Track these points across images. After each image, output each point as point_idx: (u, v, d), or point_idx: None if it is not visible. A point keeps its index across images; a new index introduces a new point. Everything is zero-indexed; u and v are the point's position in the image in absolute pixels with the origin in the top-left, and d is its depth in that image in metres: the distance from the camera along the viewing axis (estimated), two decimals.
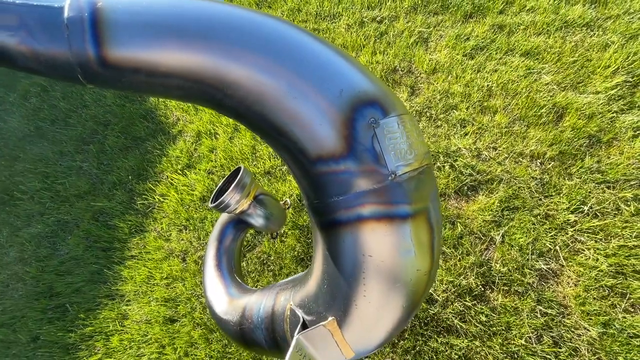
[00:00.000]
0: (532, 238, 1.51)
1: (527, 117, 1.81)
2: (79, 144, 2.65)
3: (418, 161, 0.48)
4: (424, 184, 0.50)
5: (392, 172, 0.46)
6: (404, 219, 0.47)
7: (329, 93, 0.45)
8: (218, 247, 0.90)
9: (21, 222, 2.36)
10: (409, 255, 0.48)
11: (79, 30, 0.36)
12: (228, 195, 0.70)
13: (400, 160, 0.46)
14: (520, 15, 2.18)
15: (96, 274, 1.99)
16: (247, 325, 0.68)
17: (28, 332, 1.87)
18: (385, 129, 0.46)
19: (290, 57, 0.46)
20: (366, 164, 0.46)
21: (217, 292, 0.80)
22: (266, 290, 0.72)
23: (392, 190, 0.46)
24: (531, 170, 1.67)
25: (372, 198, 0.46)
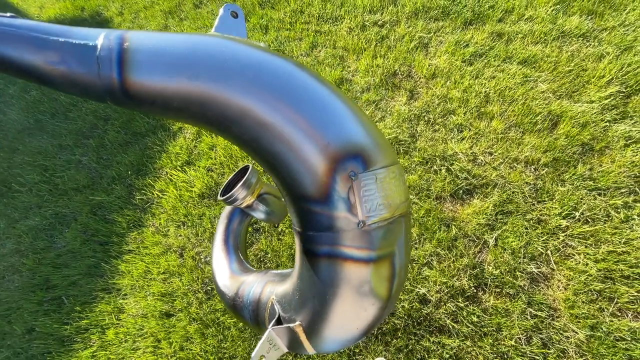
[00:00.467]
0: (525, 242, 1.54)
1: (522, 123, 1.85)
2: (79, 137, 2.66)
3: (390, 212, 0.53)
4: (392, 232, 0.55)
5: (361, 221, 0.51)
6: (366, 262, 0.54)
7: (317, 144, 0.50)
8: (227, 224, 0.98)
9: (19, 214, 2.36)
10: (366, 292, 0.56)
11: (107, 65, 0.45)
12: (236, 191, 0.79)
13: (372, 212, 0.52)
14: (518, 24, 2.22)
15: (93, 267, 2.00)
16: (239, 302, 0.77)
17: (23, 323, 1.88)
18: (362, 182, 0.51)
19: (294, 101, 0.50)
20: (340, 211, 0.51)
21: (221, 265, 0.90)
22: (259, 275, 0.81)
23: (360, 236, 0.52)
24: (525, 176, 1.70)
25: (342, 240, 0.52)
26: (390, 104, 2.12)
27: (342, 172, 0.50)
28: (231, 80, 0.49)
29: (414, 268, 1.58)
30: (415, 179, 1.79)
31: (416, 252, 1.62)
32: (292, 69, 0.53)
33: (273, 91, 0.50)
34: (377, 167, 0.53)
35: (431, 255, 1.60)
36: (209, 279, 1.77)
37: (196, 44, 0.50)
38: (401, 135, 1.94)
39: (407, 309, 1.50)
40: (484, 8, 2.33)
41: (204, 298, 1.72)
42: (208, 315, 1.67)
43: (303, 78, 0.53)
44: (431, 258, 1.59)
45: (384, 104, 2.12)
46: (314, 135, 0.50)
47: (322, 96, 0.53)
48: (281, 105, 0.49)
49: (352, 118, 0.54)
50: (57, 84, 0.46)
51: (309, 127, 0.50)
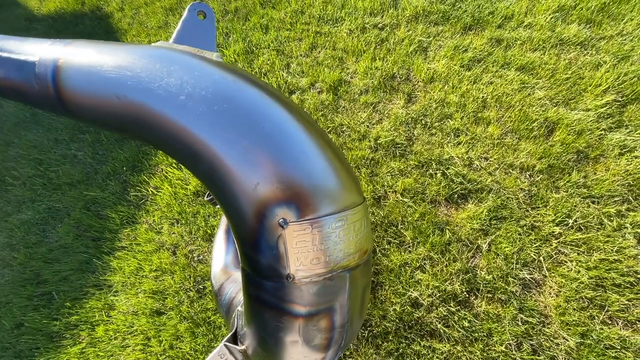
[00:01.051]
0: (518, 248, 1.55)
1: (519, 130, 1.85)
2: (75, 132, 2.64)
3: (328, 267, 0.48)
4: (330, 289, 0.50)
5: (290, 275, 0.47)
6: (295, 316, 0.50)
7: (246, 184, 0.45)
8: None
9: (11, 207, 2.34)
10: (296, 346, 0.52)
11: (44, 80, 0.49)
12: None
13: (303, 265, 0.47)
14: (517, 31, 2.23)
15: (85, 263, 1.98)
16: (219, 298, 0.79)
17: (12, 318, 1.86)
18: (295, 231, 0.45)
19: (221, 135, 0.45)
20: (269, 260, 0.47)
21: (219, 254, 0.93)
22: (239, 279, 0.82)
23: (288, 290, 0.48)
24: (520, 182, 1.71)
25: (270, 291, 0.49)
26: (388, 106, 2.12)
27: (270, 219, 0.45)
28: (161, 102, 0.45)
29: (407, 271, 1.58)
30: (410, 182, 1.79)
31: (409, 255, 1.61)
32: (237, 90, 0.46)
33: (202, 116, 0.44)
34: (317, 215, 0.46)
35: (424, 259, 1.60)
36: (201, 278, 1.76)
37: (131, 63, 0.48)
38: (398, 139, 1.94)
39: (398, 312, 1.49)
40: (484, 14, 2.34)
41: (196, 297, 1.71)
42: (199, 314, 1.66)
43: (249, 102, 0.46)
44: (424, 262, 1.59)
45: (382, 106, 2.12)
46: (243, 174, 0.44)
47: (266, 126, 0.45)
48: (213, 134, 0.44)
49: (297, 153, 0.46)
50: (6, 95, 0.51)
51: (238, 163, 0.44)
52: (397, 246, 1.65)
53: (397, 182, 1.80)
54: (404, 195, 1.77)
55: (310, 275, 0.47)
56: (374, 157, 1.92)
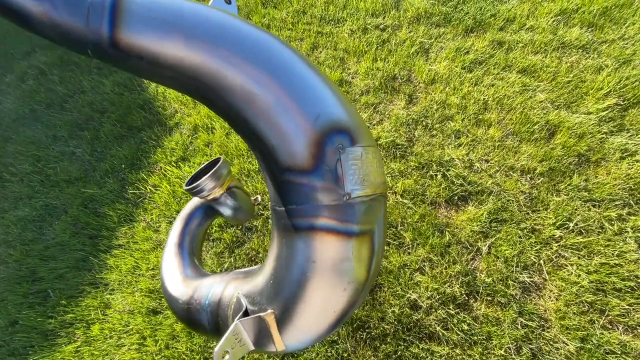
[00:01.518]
0: (518, 251, 1.54)
1: (520, 132, 1.84)
2: (74, 129, 2.63)
3: (372, 189, 0.54)
4: (373, 209, 0.55)
5: (347, 194, 0.52)
6: (349, 235, 0.53)
7: (309, 115, 0.51)
8: (184, 227, 0.93)
9: (8, 204, 2.32)
10: (347, 268, 0.54)
11: (98, 13, 0.42)
12: (204, 181, 0.74)
13: (356, 185, 0.52)
14: (519, 33, 2.23)
15: (81, 261, 1.97)
16: (195, 305, 0.71)
17: (7, 315, 1.84)
18: (349, 155, 0.52)
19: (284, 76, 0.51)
20: (327, 182, 0.51)
21: (173, 270, 0.83)
22: (219, 276, 0.76)
23: (345, 209, 0.52)
24: (521, 185, 1.70)
25: (326, 212, 0.52)
26: (388, 107, 2.11)
27: (330, 145, 0.51)
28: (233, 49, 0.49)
29: (406, 273, 1.56)
30: (410, 183, 1.78)
31: (409, 257, 1.60)
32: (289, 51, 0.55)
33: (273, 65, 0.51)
34: (362, 144, 0.54)
35: (424, 260, 1.59)
36: None
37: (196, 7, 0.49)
38: (398, 139, 1.94)
39: (397, 314, 1.48)
40: (486, 16, 2.34)
41: None
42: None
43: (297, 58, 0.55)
44: (424, 264, 1.58)
45: (383, 107, 2.11)
46: (307, 106, 0.51)
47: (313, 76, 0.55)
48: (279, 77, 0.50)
49: (337, 99, 0.55)
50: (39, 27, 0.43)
51: (303, 98, 0.51)
52: (397, 247, 1.64)
53: (397, 183, 1.79)
54: (403, 197, 1.76)
55: (361, 195, 0.52)
56: None
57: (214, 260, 1.76)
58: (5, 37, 3.80)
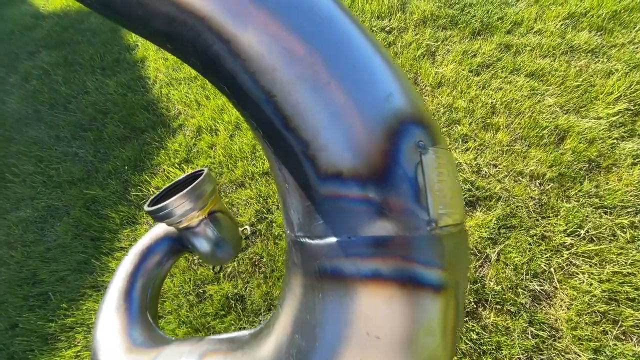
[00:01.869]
0: (528, 258, 1.50)
1: (528, 137, 1.82)
2: (77, 130, 2.62)
3: (460, 215, 0.35)
4: (461, 248, 0.36)
5: (433, 220, 0.31)
6: (436, 289, 0.32)
7: (374, 92, 0.33)
8: (137, 266, 0.65)
9: (10, 205, 2.31)
10: (430, 343, 0.32)
11: None
12: (175, 201, 0.50)
13: (445, 208, 0.33)
14: (527, 37, 2.20)
15: (83, 263, 1.94)
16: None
17: (7, 318, 1.82)
18: (433, 159, 0.33)
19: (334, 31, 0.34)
20: (401, 199, 0.31)
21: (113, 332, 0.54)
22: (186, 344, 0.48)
23: (429, 245, 0.32)
24: (530, 190, 1.67)
25: (400, 250, 0.31)
26: None
27: (408, 138, 0.32)
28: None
29: None
30: None
31: None
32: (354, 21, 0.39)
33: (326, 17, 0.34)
34: (443, 147, 0.36)
35: None
36: (201, 281, 1.72)
37: None
38: None
39: None
40: (493, 19, 2.32)
41: (195, 301, 1.67)
42: (198, 319, 1.61)
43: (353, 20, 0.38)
44: None
45: None
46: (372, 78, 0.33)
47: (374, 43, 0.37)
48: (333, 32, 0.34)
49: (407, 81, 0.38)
50: None
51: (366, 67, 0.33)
52: None
53: None
54: None
55: (451, 223, 0.33)
56: None
57: None
58: (10, 37, 3.80)
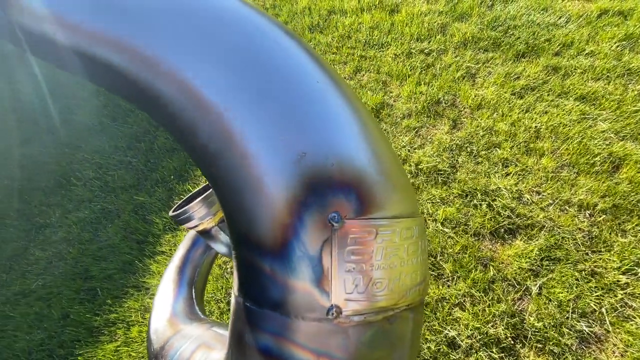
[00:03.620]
0: (575, 295, 1.38)
1: (578, 163, 1.70)
2: (132, 141, 2.89)
3: (391, 301, 0.31)
4: (387, 335, 0.32)
5: (335, 307, 0.29)
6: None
7: (284, 151, 0.29)
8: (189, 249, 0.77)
9: (72, 205, 2.58)
10: None
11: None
12: (192, 207, 0.59)
13: (357, 294, 0.29)
14: (577, 59, 2.10)
15: (128, 264, 2.10)
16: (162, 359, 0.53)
17: (61, 308, 2.00)
18: (352, 234, 0.29)
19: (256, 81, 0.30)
20: (301, 280, 0.29)
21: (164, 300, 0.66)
22: (201, 328, 0.55)
23: (329, 334, 0.30)
24: (578, 221, 1.55)
25: (297, 334, 0.30)
26: (431, 131, 2.07)
27: (317, 211, 0.29)
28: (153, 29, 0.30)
29: (444, 307, 1.47)
30: (452, 211, 1.70)
31: (448, 290, 1.51)
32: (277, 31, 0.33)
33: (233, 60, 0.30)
34: (382, 215, 0.31)
35: (464, 295, 1.49)
36: None
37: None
38: (440, 165, 1.88)
39: (433, 352, 1.39)
40: (540, 41, 2.24)
41: (226, 308, 1.73)
42: None
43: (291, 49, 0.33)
44: (464, 299, 1.48)
45: (425, 131, 2.07)
46: (282, 136, 0.29)
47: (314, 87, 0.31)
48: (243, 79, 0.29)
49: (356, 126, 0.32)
50: None
51: (278, 120, 0.29)
52: (435, 279, 1.56)
53: (437, 211, 1.72)
54: (444, 225, 1.68)
55: (366, 310, 0.30)
56: (414, 183, 1.86)
57: None
58: None
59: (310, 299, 0.29)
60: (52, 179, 2.80)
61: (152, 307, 0.65)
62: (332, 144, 0.30)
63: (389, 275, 0.30)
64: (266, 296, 0.31)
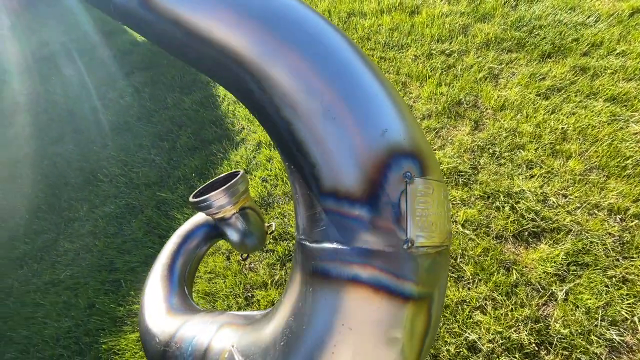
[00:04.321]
0: (604, 302, 1.33)
1: (607, 166, 1.64)
2: (156, 139, 2.98)
3: (440, 238, 0.42)
4: (438, 267, 0.43)
5: (409, 240, 0.39)
6: (405, 299, 0.40)
7: (371, 128, 0.40)
8: (179, 245, 0.79)
9: (99, 201, 2.68)
10: (394, 345, 0.40)
11: None
12: (215, 195, 0.64)
13: (423, 231, 0.40)
14: (607, 59, 2.03)
15: (150, 257, 2.17)
16: (173, 350, 0.57)
17: (87, 298, 2.09)
18: (418, 188, 0.40)
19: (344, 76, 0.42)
20: (384, 220, 0.39)
21: (156, 297, 0.68)
22: (210, 315, 0.60)
23: (404, 260, 0.39)
24: (608, 226, 1.49)
25: (378, 261, 0.39)
26: (451, 132, 2.04)
27: (396, 170, 0.40)
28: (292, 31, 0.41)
29: (465, 310, 1.44)
30: (473, 213, 1.67)
31: (468, 292, 1.48)
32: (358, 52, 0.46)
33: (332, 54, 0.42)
34: (433, 178, 0.42)
35: (485, 298, 1.45)
36: (251, 285, 1.81)
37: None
38: (461, 166, 1.85)
39: (452, 354, 1.36)
40: (567, 41, 2.18)
41: (243, 303, 1.76)
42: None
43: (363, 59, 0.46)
44: (485, 302, 1.45)
45: (445, 132, 2.05)
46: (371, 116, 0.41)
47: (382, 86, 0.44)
48: (339, 74, 0.41)
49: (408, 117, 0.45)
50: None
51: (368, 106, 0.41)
52: (455, 281, 1.53)
53: (458, 212, 1.70)
54: (465, 227, 1.65)
55: (428, 244, 0.40)
56: None
57: (266, 271, 1.81)
58: (112, 60, 4.53)
59: (391, 234, 0.39)
60: (80, 176, 2.93)
61: (142, 305, 0.66)
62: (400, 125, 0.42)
63: (439, 220, 0.42)
64: (350, 235, 0.40)
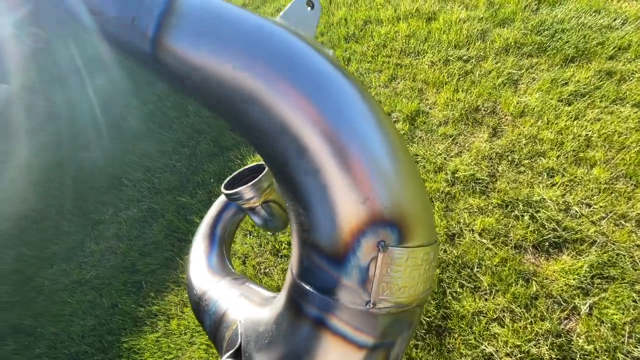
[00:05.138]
0: (632, 318, 1.27)
1: (635, 175, 1.57)
2: (177, 146, 3.09)
3: (409, 300, 0.46)
4: (401, 322, 0.47)
5: (371, 302, 0.43)
6: (360, 347, 0.45)
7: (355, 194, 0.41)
8: (220, 211, 0.89)
9: (123, 204, 2.80)
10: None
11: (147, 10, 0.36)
12: (243, 190, 0.74)
13: (388, 295, 0.44)
14: (635, 62, 1.95)
15: (170, 260, 2.24)
16: (203, 305, 0.67)
17: (110, 298, 2.18)
18: (390, 257, 0.42)
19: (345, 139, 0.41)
20: (350, 280, 0.43)
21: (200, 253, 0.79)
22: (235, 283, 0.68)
23: (364, 317, 0.44)
24: (637, 237, 1.42)
25: (341, 314, 0.44)
26: (469, 139, 2.01)
27: (371, 237, 0.42)
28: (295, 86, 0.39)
29: (481, 321, 1.41)
30: (491, 222, 1.63)
31: (485, 304, 1.45)
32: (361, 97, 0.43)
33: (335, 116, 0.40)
34: (412, 245, 0.44)
35: (503, 310, 1.41)
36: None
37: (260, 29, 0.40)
38: (479, 174, 1.81)
39: None
40: (591, 45, 2.11)
41: None
42: None
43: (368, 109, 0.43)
44: (503, 314, 1.41)
45: (462, 139, 2.02)
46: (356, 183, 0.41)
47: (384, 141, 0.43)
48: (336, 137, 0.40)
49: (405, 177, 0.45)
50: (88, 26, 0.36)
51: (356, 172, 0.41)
52: (471, 291, 1.50)
53: (475, 221, 1.66)
54: (482, 236, 1.62)
55: (391, 306, 0.44)
56: (450, 191, 1.81)
57: (280, 276, 1.84)
58: (136, 69, 4.74)
59: (356, 294, 0.43)
60: (106, 180, 3.07)
61: (189, 258, 0.76)
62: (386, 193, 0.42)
63: (410, 284, 0.45)
64: (322, 285, 0.44)
